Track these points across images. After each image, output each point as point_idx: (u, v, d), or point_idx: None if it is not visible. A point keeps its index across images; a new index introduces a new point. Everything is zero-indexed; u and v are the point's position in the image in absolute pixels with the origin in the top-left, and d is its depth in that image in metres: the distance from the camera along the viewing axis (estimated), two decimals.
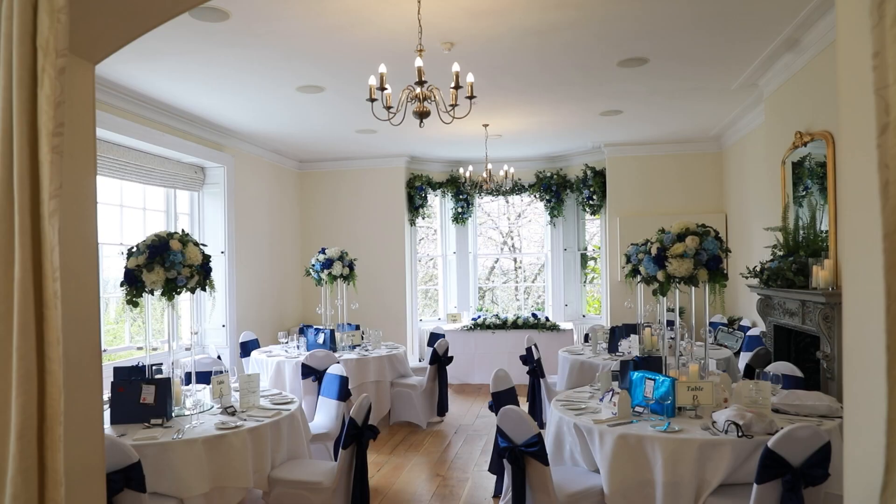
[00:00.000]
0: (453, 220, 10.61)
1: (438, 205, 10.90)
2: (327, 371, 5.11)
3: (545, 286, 10.82)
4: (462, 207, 10.50)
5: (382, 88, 4.53)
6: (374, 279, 10.07)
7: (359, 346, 7.12)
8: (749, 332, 7.14)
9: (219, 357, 6.27)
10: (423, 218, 10.40)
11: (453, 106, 4.83)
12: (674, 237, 4.36)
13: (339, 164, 10.25)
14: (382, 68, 4.56)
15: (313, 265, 7.07)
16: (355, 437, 3.93)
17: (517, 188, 10.51)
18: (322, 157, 10.03)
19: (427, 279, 13.03)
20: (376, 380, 6.53)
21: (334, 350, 6.83)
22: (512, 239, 13.87)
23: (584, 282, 10.66)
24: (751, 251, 8.05)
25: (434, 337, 7.87)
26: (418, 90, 4.74)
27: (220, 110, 7.12)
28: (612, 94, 6.90)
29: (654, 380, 4.16)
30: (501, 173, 8.15)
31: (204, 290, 4.25)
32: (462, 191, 10.46)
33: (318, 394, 5.25)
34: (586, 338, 7.65)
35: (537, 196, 10.44)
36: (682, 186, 9.44)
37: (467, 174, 8.09)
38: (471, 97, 4.71)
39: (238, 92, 6.46)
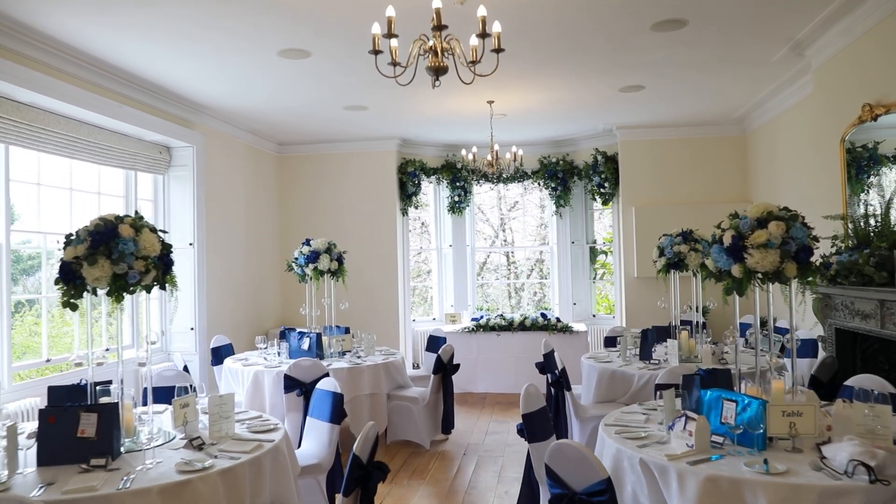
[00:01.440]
0: (449, 210, 9.70)
1: (433, 193, 9.98)
2: (317, 386, 4.18)
3: (550, 283, 9.95)
4: (459, 195, 9.59)
5: (390, 35, 3.61)
6: (363, 275, 9.11)
7: (349, 352, 6.19)
8: (799, 335, 6.32)
9: (185, 368, 5.31)
10: (416, 207, 9.47)
11: (474, 62, 3.93)
12: (752, 223, 3.47)
13: (323, 148, 9.28)
14: (390, 11, 3.64)
15: (296, 259, 6.12)
16: (360, 479, 3.01)
17: (518, 175, 9.62)
18: (304, 138, 9.05)
19: (416, 275, 12.10)
20: (371, 392, 5.61)
21: (321, 357, 5.90)
22: (503, 232, 13.00)
23: (594, 278, 9.81)
24: None
25: (434, 341, 6.96)
26: (432, 42, 3.83)
27: (189, 80, 6.13)
28: (637, 65, 6.04)
29: (736, 401, 3.28)
30: (508, 156, 7.25)
31: (163, 288, 3.30)
32: (459, 177, 9.54)
33: (305, 413, 4.31)
34: (607, 342, 6.79)
35: (541, 184, 9.56)
36: (701, 173, 8.62)
37: (470, 156, 7.18)
38: (498, 50, 3.81)
39: (210, 56, 5.48)
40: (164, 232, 3.35)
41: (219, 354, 6.50)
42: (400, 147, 9.31)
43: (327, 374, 5.06)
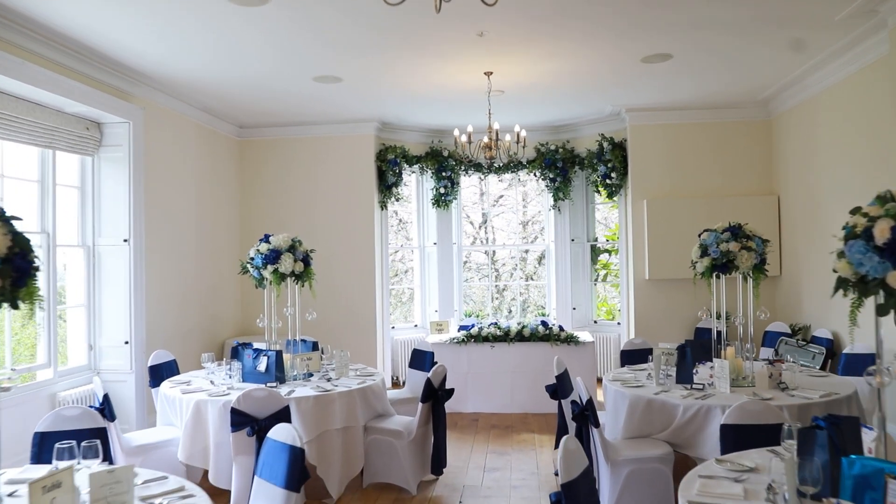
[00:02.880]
0: (434, 204, 8.58)
1: (416, 184, 8.85)
2: (271, 435, 3.04)
3: (546, 284, 8.88)
4: (445, 187, 8.47)
5: None
6: (337, 278, 7.97)
7: (317, 373, 5.05)
8: (850, 349, 5.30)
9: (106, 399, 4.12)
10: (398, 200, 8.33)
11: None
12: None
13: (292, 131, 8.10)
14: None
15: (252, 259, 4.95)
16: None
17: (513, 164, 8.53)
18: (268, 119, 7.86)
19: (393, 274, 10.98)
20: (344, 426, 4.47)
21: (282, 381, 4.74)
22: (485, 231, 11.93)
23: (595, 280, 8.75)
24: (825, 241, 6.25)
25: (419, 357, 5.84)
26: None
27: (122, 38, 4.93)
28: (667, 27, 5.02)
29: None
30: (508, 138, 6.14)
31: (15, 307, 2.13)
32: (445, 166, 8.42)
33: (256, 468, 3.16)
34: (624, 358, 5.73)
35: (538, 174, 8.49)
36: (719, 163, 7.61)
37: (464, 137, 6.05)
38: None
39: (147, 7, 4.30)
40: (17, 219, 2.18)
41: (159, 374, 5.31)
42: (379, 131, 8.16)
43: (287, 410, 3.92)
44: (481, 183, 11.25)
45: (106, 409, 4.14)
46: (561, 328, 7.00)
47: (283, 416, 3.92)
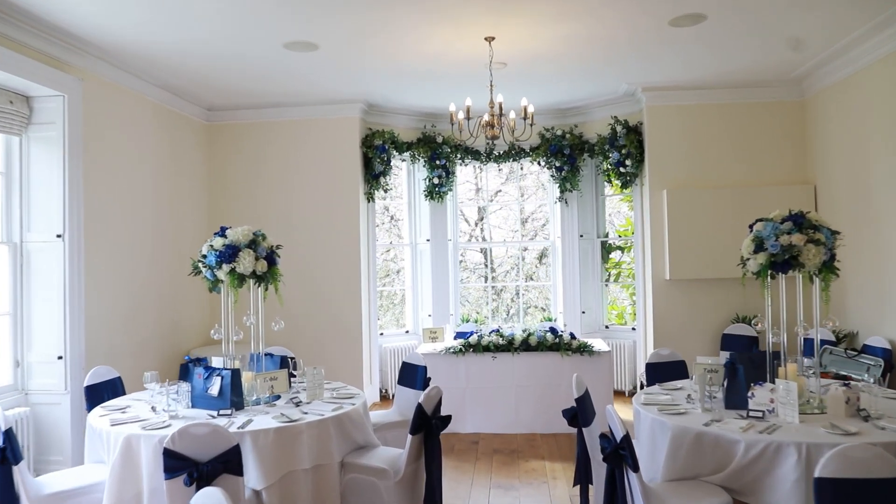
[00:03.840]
0: (427, 196, 7.69)
1: (406, 174, 7.96)
2: (196, 500, 2.15)
3: (552, 286, 8.01)
4: (440, 177, 7.59)
5: None
6: (317, 279, 7.09)
7: (286, 394, 4.16)
8: None
9: (8, 434, 3.22)
10: (386, 191, 7.44)
11: None
12: None
13: (266, 114, 7.20)
14: None
15: (204, 257, 4.05)
16: None
17: (514, 152, 7.66)
18: (240, 100, 6.96)
19: (385, 275, 10.10)
20: (315, 464, 3.58)
21: (240, 406, 3.86)
22: (482, 229, 11.06)
23: (606, 280, 7.89)
24: (877, 236, 5.40)
25: (409, 372, 4.96)
26: None
27: None
28: None
29: None
30: (512, 115, 5.25)
31: None
32: (440, 154, 7.53)
33: None
34: (651, 373, 4.86)
35: (542, 163, 7.61)
36: (747, 148, 6.76)
37: (460, 114, 5.15)
38: None
39: None
40: None
41: (98, 395, 4.41)
42: (364, 114, 7.27)
43: (236, 450, 3.03)
44: (477, 178, 10.42)
45: (7, 448, 3.25)
46: (572, 336, 6.12)
47: (232, 458, 3.04)
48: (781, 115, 6.74)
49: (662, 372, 4.96)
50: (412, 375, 4.95)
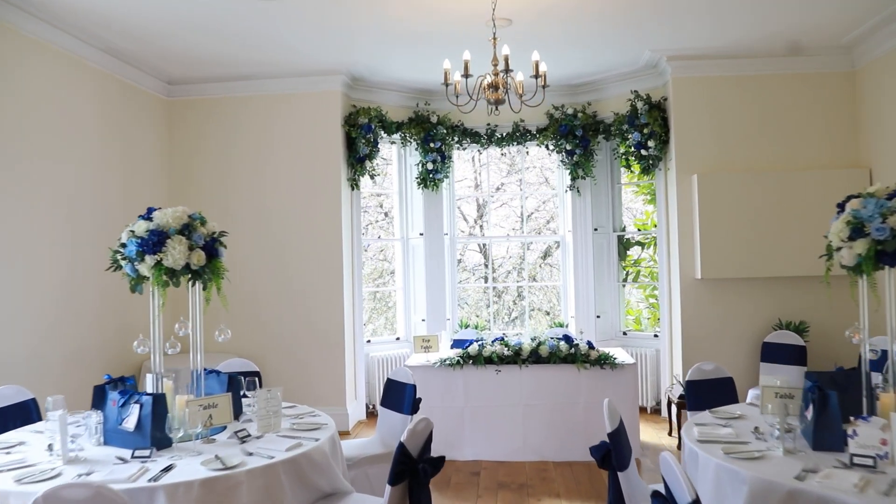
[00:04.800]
0: (420, 183, 6.76)
1: (396, 159, 7.03)
2: None
3: (562, 286, 7.07)
4: (434, 162, 6.65)
5: None
6: (293, 277, 6.16)
7: (232, 425, 3.23)
8: None
9: None
10: (373, 178, 6.51)
11: None
12: None
13: (235, 88, 6.26)
14: None
15: (123, 246, 3.12)
16: None
17: (518, 134, 6.74)
18: (205, 71, 6.03)
19: (377, 276, 9.18)
20: None
21: (164, 443, 2.91)
22: (480, 226, 10.12)
23: (624, 280, 6.95)
24: None
25: (394, 391, 4.03)
26: None
27: None
28: None
29: None
30: (519, 78, 4.30)
31: None
32: (434, 135, 6.60)
33: None
34: (693, 393, 3.94)
35: (551, 146, 6.68)
36: (789, 125, 5.83)
37: (457, 75, 4.19)
38: None
39: None
40: None
41: (2, 422, 3.49)
42: (348, 88, 6.34)
43: None
44: (476, 173, 9.50)
45: None
46: (590, 345, 5.18)
47: None
48: (829, 87, 5.82)
49: (707, 392, 4.04)
50: (398, 396, 4.02)
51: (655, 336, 6.49)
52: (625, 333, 6.75)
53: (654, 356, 6.39)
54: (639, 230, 7.03)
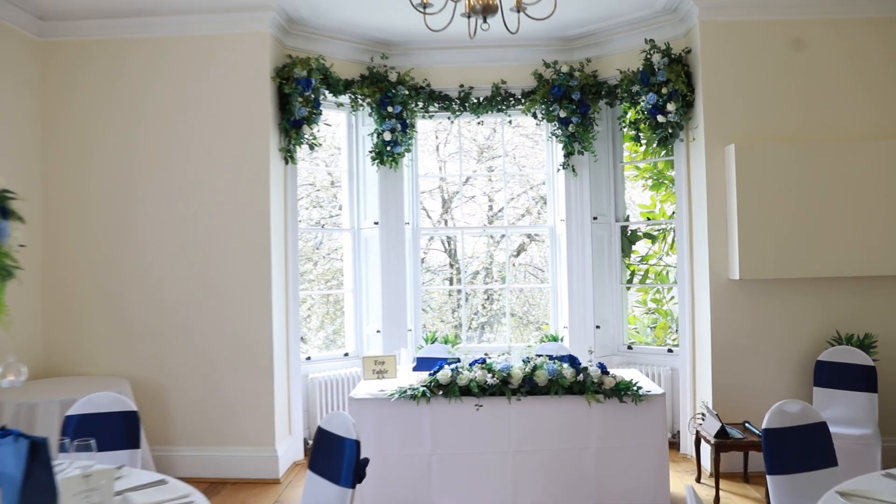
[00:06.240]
0: (375, 159, 5.33)
1: (346, 128, 5.59)
2: None
3: (551, 288, 5.71)
4: (393, 131, 5.24)
5: None
6: (209, 275, 4.69)
7: None
8: None
9: None
10: (313, 148, 5.06)
11: None
12: None
13: (127, 27, 4.73)
14: None
15: None
16: None
17: (500, 98, 5.38)
18: (88, 3, 4.50)
19: (331, 276, 7.79)
20: None
21: None
22: (451, 215, 8.76)
23: (629, 282, 5.64)
24: None
25: (327, 446, 2.62)
26: None
27: None
28: None
29: None
30: None
31: None
32: (393, 98, 5.18)
33: None
34: (774, 449, 2.63)
35: (540, 115, 5.34)
36: (853, 84, 4.57)
37: None
38: None
39: None
40: None
41: None
42: (281, 32, 4.89)
43: None
44: (441, 168, 8.20)
45: None
46: (603, 368, 3.81)
47: None
48: (889, 36, 4.59)
49: (793, 444, 2.77)
50: (333, 456, 2.62)
51: (670, 351, 5.18)
52: (629, 348, 5.43)
53: (668, 377, 5.07)
54: (648, 220, 5.72)
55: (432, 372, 3.85)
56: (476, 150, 8.84)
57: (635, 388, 3.68)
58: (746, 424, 4.19)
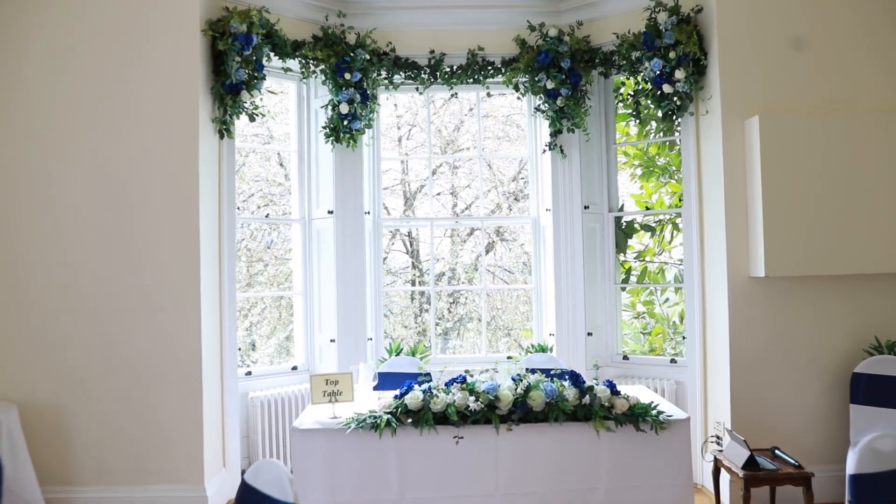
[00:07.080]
0: (330, 135, 4.48)
1: (296, 99, 4.75)
2: None
3: (534, 289, 4.94)
4: (351, 103, 4.40)
5: None
6: (126, 272, 3.79)
7: None
8: None
9: None
10: (253, 119, 4.20)
11: None
12: None
13: None
14: None
15: None
16: None
17: (476, 66, 4.61)
18: None
19: (284, 279, 6.95)
20: None
21: None
22: (413, 213, 7.97)
23: (624, 280, 4.92)
24: None
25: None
26: None
27: None
28: None
29: None
30: None
31: None
32: (350, 64, 4.36)
33: None
34: (861, 497, 1.87)
35: (523, 87, 4.59)
36: (883, 46, 3.93)
37: None
38: None
39: None
40: None
41: None
42: None
43: None
44: (404, 163, 7.46)
45: None
46: (613, 388, 3.04)
47: None
48: None
49: (883, 490, 2.05)
50: None
51: (672, 362, 4.47)
52: (626, 358, 4.70)
53: (673, 392, 4.35)
54: (647, 209, 5.01)
55: (399, 394, 3.04)
56: (442, 143, 8.08)
57: (654, 412, 2.93)
58: (776, 451, 3.48)
